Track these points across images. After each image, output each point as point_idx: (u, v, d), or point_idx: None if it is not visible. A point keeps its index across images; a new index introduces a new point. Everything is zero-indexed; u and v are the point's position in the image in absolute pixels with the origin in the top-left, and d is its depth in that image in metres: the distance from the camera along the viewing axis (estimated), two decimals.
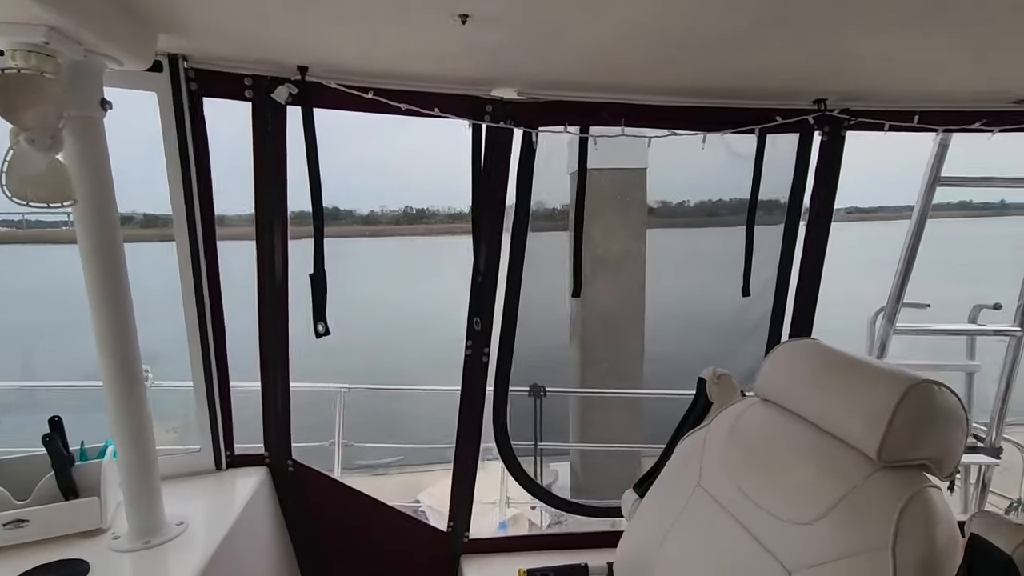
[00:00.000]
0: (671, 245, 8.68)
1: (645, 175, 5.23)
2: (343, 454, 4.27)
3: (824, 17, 1.04)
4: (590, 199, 5.53)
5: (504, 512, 3.34)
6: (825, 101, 1.59)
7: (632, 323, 5.36)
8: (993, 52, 1.26)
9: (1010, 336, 2.08)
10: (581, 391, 3.73)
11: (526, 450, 3.27)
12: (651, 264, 5.59)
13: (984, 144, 1.72)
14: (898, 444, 0.88)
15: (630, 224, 5.34)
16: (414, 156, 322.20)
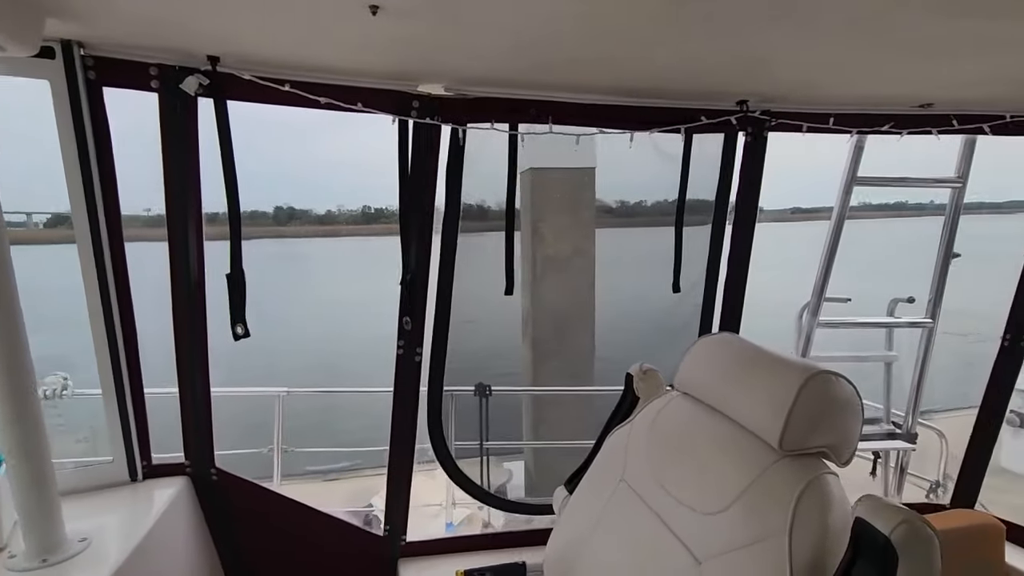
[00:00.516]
0: (629, 244, 8.85)
1: (594, 175, 5.29)
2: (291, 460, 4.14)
3: (744, 20, 1.06)
4: (540, 199, 5.54)
5: (451, 513, 3.31)
6: (747, 102, 1.64)
7: (583, 321, 5.42)
8: (899, 60, 1.32)
9: (922, 327, 2.21)
10: (525, 389, 3.73)
11: (474, 450, 3.26)
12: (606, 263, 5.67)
13: (933, 145, 1.80)
14: (798, 433, 0.91)
15: (580, 223, 5.40)
16: (375, 154, 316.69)
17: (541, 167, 5.19)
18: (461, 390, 3.15)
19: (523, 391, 4.00)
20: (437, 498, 3.67)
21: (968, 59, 1.29)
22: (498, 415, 5.86)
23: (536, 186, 5.24)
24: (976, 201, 20.25)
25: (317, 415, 8.01)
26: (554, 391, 4.87)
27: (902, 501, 2.24)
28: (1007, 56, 1.26)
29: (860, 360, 2.39)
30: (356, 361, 13.98)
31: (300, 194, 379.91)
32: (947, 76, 1.45)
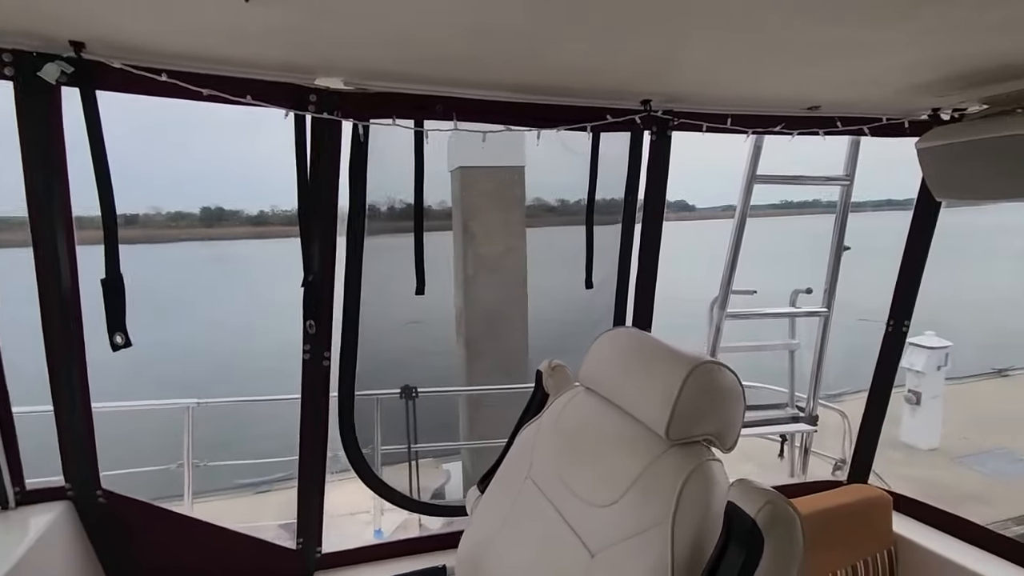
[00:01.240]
0: (567, 242, 9.08)
1: (523, 173, 5.33)
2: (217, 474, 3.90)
3: (641, 19, 1.08)
4: (470, 197, 5.52)
5: (380, 520, 3.23)
6: (651, 102, 1.68)
7: (515, 319, 5.45)
8: (787, 64, 1.39)
9: (819, 316, 2.37)
10: (452, 390, 3.67)
11: (403, 454, 3.19)
12: (544, 260, 5.73)
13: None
14: (683, 422, 0.94)
15: (511, 221, 5.43)
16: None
17: (470, 165, 5.18)
18: (387, 393, 3.08)
19: (451, 392, 3.95)
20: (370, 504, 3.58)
21: (847, 64, 1.38)
22: (439, 415, 5.80)
23: (466, 184, 5.22)
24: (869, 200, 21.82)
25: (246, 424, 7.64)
26: (484, 390, 4.85)
27: (808, 479, 2.38)
28: (879, 61, 1.35)
29: (765, 349, 2.54)
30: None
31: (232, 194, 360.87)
32: (830, 80, 1.54)
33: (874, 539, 1.92)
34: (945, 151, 1.60)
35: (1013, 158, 1.44)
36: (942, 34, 1.17)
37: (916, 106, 1.80)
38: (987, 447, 6.67)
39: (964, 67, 1.40)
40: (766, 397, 2.77)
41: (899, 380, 6.87)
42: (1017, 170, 1.45)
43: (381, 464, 3.71)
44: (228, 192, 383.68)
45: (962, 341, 6.63)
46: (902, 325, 2.10)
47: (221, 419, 7.34)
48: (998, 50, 1.27)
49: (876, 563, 1.91)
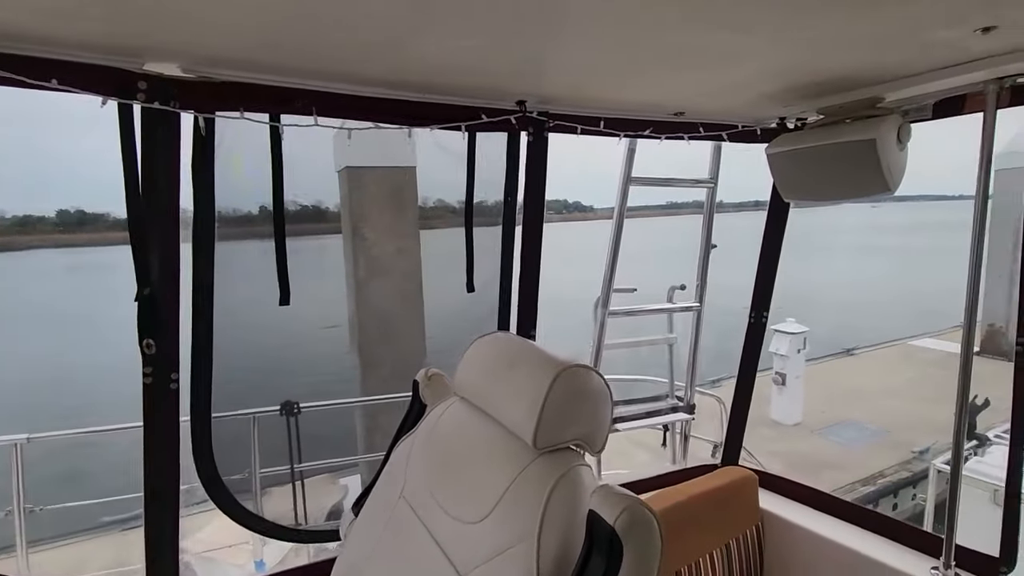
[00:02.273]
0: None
1: (415, 173, 5.20)
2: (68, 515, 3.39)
3: (510, 18, 1.04)
4: (359, 199, 5.26)
5: (260, 551, 2.98)
6: (526, 102, 1.67)
7: (412, 323, 5.31)
8: (653, 70, 1.44)
9: (693, 311, 2.51)
10: (339, 403, 3.44)
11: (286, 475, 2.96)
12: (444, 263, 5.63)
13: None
14: (550, 428, 0.92)
15: (404, 223, 5.28)
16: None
17: (358, 166, 4.96)
18: (265, 412, 2.83)
19: (339, 405, 3.69)
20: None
21: (706, 73, 1.45)
22: (339, 428, 5.49)
23: (354, 185, 5.00)
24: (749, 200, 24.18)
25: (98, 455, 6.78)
26: (374, 401, 4.63)
27: (688, 464, 2.51)
28: (733, 71, 1.43)
29: (646, 344, 2.66)
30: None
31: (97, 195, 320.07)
32: (692, 88, 1.62)
33: (743, 517, 2.06)
34: (790, 156, 1.74)
35: (844, 164, 1.59)
36: (783, 48, 1.26)
37: (766, 114, 1.96)
38: (840, 419, 7.57)
39: (803, 80, 1.53)
40: (649, 389, 2.91)
41: (767, 363, 7.55)
42: (848, 174, 1.61)
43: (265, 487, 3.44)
44: (91, 193, 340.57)
45: (816, 326, 7.47)
46: (762, 316, 2.28)
47: (67, 451, 6.47)
48: (829, 65, 1.40)
49: (746, 540, 2.05)
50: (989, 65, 1.35)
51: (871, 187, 1.56)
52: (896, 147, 1.54)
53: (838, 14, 1.05)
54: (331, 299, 5.78)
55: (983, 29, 1.13)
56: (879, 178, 1.53)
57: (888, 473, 6.06)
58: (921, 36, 1.18)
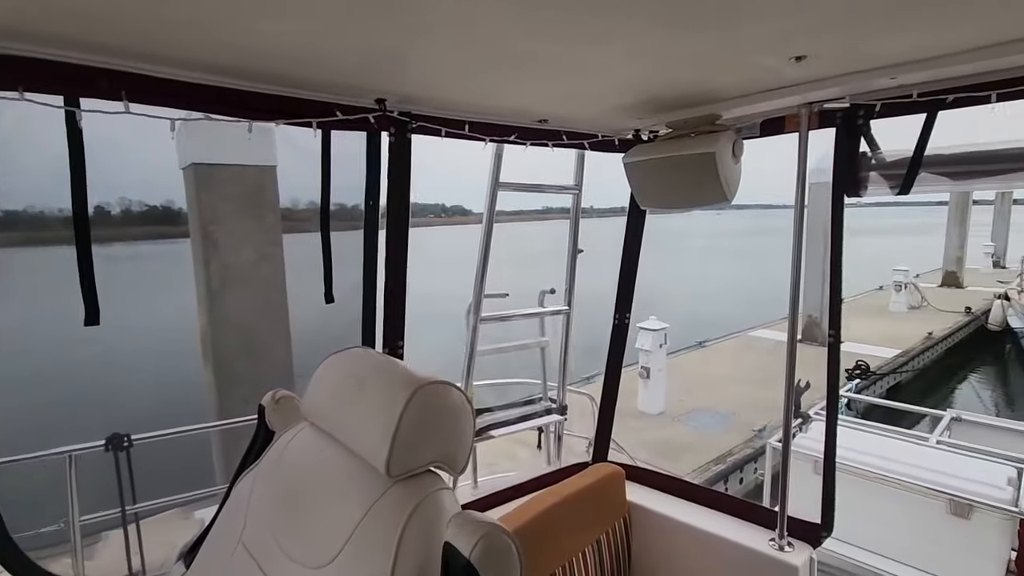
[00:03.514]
0: (346, 248, 8.52)
1: (275, 173, 4.81)
2: None
3: (365, 11, 0.94)
4: (210, 200, 4.73)
5: None
6: (386, 101, 1.58)
7: (277, 336, 4.89)
8: (515, 78, 1.43)
9: (563, 314, 2.58)
10: (178, 431, 2.98)
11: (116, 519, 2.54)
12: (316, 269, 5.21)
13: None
14: (405, 453, 0.85)
15: (264, 227, 4.85)
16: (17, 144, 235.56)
17: (207, 163, 4.47)
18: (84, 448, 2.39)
19: (181, 433, 3.18)
20: None
21: (566, 82, 1.47)
22: (193, 455, 4.85)
23: (203, 185, 4.49)
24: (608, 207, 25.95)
25: None
26: (227, 425, 4.13)
27: (563, 463, 2.56)
28: (591, 81, 1.47)
29: (519, 348, 2.68)
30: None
31: None
32: (554, 95, 1.64)
33: (612, 511, 2.15)
34: (643, 166, 1.84)
35: (689, 174, 1.72)
36: (634, 63, 1.31)
37: (623, 126, 2.06)
38: (696, 406, 8.33)
39: (653, 94, 1.62)
40: (523, 393, 2.94)
41: (634, 359, 8.07)
42: (693, 184, 1.73)
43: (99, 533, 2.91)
44: None
45: (672, 322, 8.15)
46: (625, 317, 2.40)
47: None
48: (675, 82, 1.49)
49: (615, 532, 2.13)
50: (802, 91, 1.53)
51: (712, 196, 1.70)
52: (732, 160, 1.69)
53: (678, 34, 1.11)
54: (190, 310, 5.15)
55: (796, 58, 1.26)
56: (718, 188, 1.67)
57: (735, 451, 6.78)
58: (746, 60, 1.29)
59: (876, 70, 1.37)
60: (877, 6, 0.99)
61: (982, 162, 1.53)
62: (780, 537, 1.88)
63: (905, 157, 1.59)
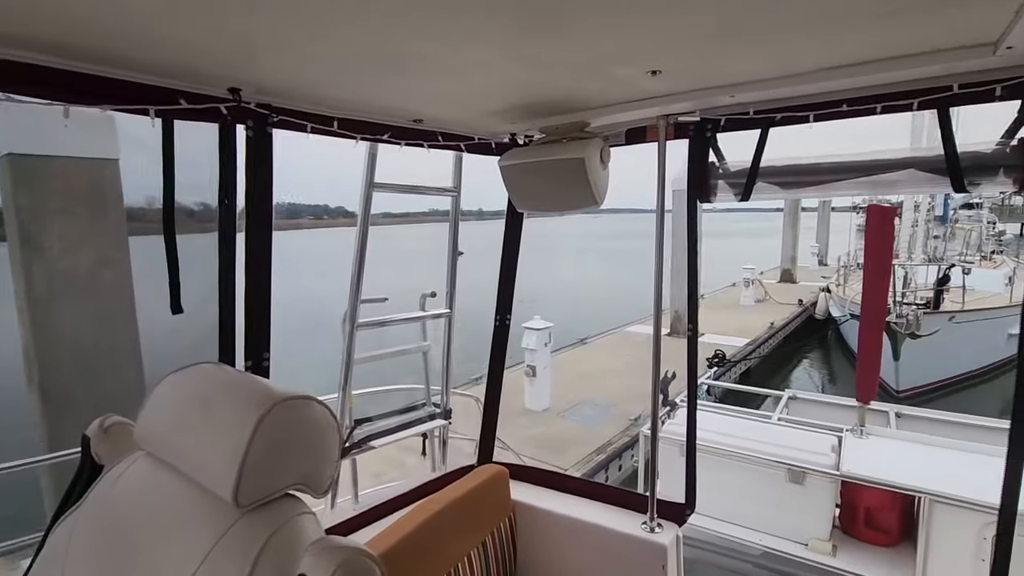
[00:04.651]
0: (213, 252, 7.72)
1: (118, 168, 4.24)
2: None
3: None
4: (32, 197, 4.06)
5: None
6: (241, 91, 1.45)
7: (123, 352, 4.31)
8: (388, 75, 1.37)
9: (444, 317, 2.56)
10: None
11: None
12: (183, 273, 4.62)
13: None
14: (257, 479, 0.77)
15: (106, 229, 4.26)
16: None
17: (28, 154, 3.82)
18: None
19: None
20: None
21: (439, 82, 1.45)
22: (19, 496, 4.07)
23: (21, 180, 3.83)
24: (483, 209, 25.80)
25: None
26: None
27: (448, 468, 2.53)
28: (465, 83, 1.46)
29: (400, 354, 2.61)
30: None
31: None
32: (427, 95, 1.61)
33: (497, 512, 2.16)
34: (519, 170, 1.88)
35: (561, 179, 1.78)
36: (506, 67, 1.32)
37: (499, 129, 2.08)
38: (579, 400, 8.72)
39: (526, 99, 1.65)
40: (405, 399, 2.87)
41: (520, 358, 8.23)
42: (564, 188, 1.80)
43: None
44: None
45: (554, 320, 8.48)
46: (506, 319, 2.43)
47: None
48: (546, 88, 1.53)
49: (500, 532, 2.15)
50: (660, 103, 1.65)
51: (583, 200, 1.78)
52: (600, 166, 1.77)
53: (544, 41, 1.14)
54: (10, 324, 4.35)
55: (651, 72, 1.36)
56: (588, 192, 1.74)
57: (615, 441, 7.21)
58: (608, 71, 1.36)
59: (719, 88, 1.51)
60: (716, 30, 1.09)
61: (805, 174, 1.75)
62: (651, 520, 2.01)
63: (745, 168, 1.77)
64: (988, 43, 1.14)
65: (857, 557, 3.18)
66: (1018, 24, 1.00)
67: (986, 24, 1.06)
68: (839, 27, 1.08)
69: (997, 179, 1.43)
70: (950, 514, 2.81)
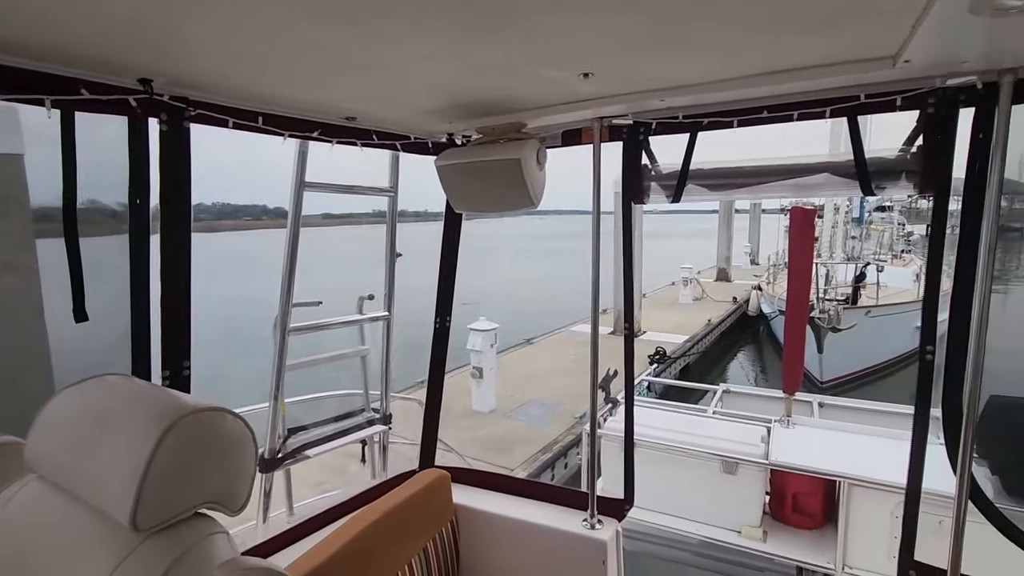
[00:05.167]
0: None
1: (22, 164, 3.89)
2: None
3: None
4: None
5: None
6: (152, 83, 1.35)
7: (27, 362, 3.95)
8: (320, 71, 1.31)
9: (382, 320, 2.49)
10: None
11: None
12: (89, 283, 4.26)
13: None
14: (159, 499, 0.71)
15: (9, 231, 3.90)
16: None
17: None
18: None
19: None
20: None
21: (372, 79, 1.40)
22: None
23: None
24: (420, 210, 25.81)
25: None
26: None
27: (389, 475, 2.47)
28: (399, 81, 1.42)
29: (337, 359, 2.53)
30: None
31: None
32: (361, 92, 1.56)
33: (439, 517, 2.13)
34: (456, 170, 1.86)
35: (497, 179, 1.77)
36: (440, 66, 1.30)
37: (436, 129, 2.05)
38: (526, 400, 8.77)
39: (462, 99, 1.63)
40: (344, 406, 2.78)
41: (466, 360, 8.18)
42: (501, 189, 1.79)
43: None
44: None
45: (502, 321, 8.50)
46: (446, 320, 2.39)
47: None
48: (482, 89, 1.52)
49: (442, 538, 2.12)
50: (593, 106, 1.67)
51: (520, 201, 1.78)
52: (537, 167, 1.78)
53: (477, 40, 1.12)
54: None
55: (583, 75, 1.37)
56: (525, 193, 1.75)
57: (560, 439, 7.29)
58: (541, 73, 1.36)
59: (650, 92, 1.55)
60: (643, 36, 1.11)
61: (731, 176, 1.83)
62: (591, 516, 2.03)
63: (676, 170, 1.83)
64: (888, 56, 1.22)
65: (785, 541, 3.35)
66: (913, 39, 1.07)
67: (886, 39, 1.14)
68: (760, 38, 1.13)
69: (900, 183, 1.54)
70: (866, 496, 3.01)
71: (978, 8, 0.87)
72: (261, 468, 2.29)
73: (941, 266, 1.54)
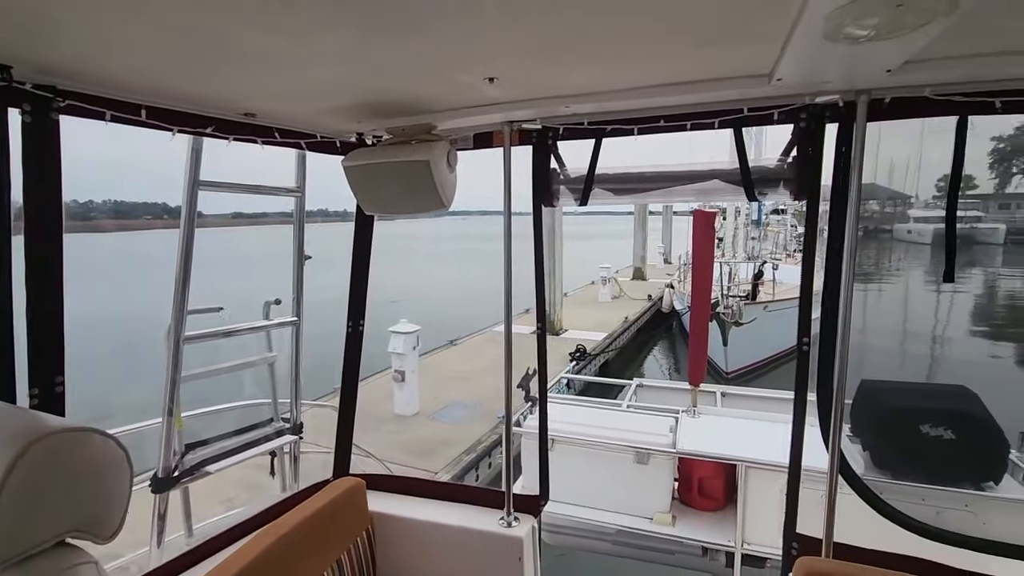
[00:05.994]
0: (89, 253, 5.89)
1: None
2: None
3: None
4: None
5: None
6: (11, 69, 1.22)
7: None
8: (218, 64, 1.24)
9: (291, 325, 2.39)
10: None
11: None
12: None
13: None
14: (13, 531, 0.65)
15: None
16: None
17: None
18: None
19: None
20: None
21: (274, 74, 1.34)
22: None
23: None
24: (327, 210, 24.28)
25: None
26: None
27: (301, 486, 2.37)
28: (303, 76, 1.37)
29: (239, 368, 2.39)
30: None
31: None
32: (261, 88, 1.48)
33: (354, 526, 2.07)
34: (364, 170, 1.81)
35: (407, 181, 1.75)
36: (342, 63, 1.27)
37: (344, 128, 1.99)
38: (449, 402, 8.72)
39: (371, 99, 1.60)
40: (250, 417, 2.64)
41: (387, 363, 7.98)
42: (411, 190, 1.77)
43: None
44: None
45: (423, 323, 8.39)
46: (359, 324, 2.33)
47: None
48: (391, 89, 1.50)
49: (357, 548, 2.06)
50: (503, 110, 1.70)
51: (430, 202, 1.77)
52: (447, 169, 1.78)
53: (381, 40, 1.11)
54: None
55: (489, 79, 1.39)
56: (435, 195, 1.74)
57: (484, 439, 7.32)
58: (447, 75, 1.37)
59: (556, 98, 1.60)
60: (545, 43, 1.14)
61: (634, 181, 1.92)
62: (508, 514, 2.06)
63: (583, 175, 1.90)
64: (764, 74, 1.34)
65: (692, 524, 3.57)
66: (783, 60, 1.18)
67: (761, 58, 1.24)
68: (654, 51, 1.20)
69: (779, 190, 1.69)
70: (760, 477, 3.27)
71: (832, 36, 0.98)
72: (153, 488, 2.12)
73: (813, 266, 1.70)
